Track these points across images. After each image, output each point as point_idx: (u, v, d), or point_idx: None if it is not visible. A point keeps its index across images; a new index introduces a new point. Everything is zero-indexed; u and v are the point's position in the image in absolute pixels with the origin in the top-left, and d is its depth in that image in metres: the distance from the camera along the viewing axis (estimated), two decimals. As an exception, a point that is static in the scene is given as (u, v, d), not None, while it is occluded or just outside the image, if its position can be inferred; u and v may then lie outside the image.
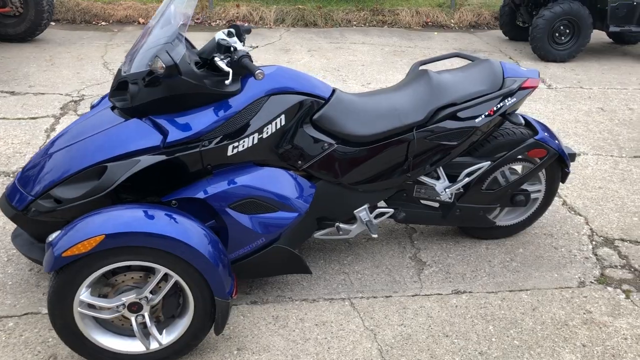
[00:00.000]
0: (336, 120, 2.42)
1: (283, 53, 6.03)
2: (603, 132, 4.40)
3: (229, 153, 2.24)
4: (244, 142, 2.25)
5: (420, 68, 2.82)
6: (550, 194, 2.91)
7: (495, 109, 2.53)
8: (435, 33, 7.25)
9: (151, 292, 1.99)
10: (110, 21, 7.00)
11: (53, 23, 6.81)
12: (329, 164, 2.44)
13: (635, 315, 2.49)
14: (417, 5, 7.79)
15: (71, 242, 1.84)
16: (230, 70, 2.15)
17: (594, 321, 2.45)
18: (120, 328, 2.05)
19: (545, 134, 2.73)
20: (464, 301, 2.54)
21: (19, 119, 4.11)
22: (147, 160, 2.15)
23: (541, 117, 4.61)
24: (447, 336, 2.34)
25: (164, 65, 2.08)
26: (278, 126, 2.30)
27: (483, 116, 2.52)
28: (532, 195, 2.87)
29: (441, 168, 2.64)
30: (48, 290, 2.00)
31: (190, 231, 1.95)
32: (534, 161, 2.76)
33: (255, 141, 2.27)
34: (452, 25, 7.64)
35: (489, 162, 2.67)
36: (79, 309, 1.93)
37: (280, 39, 6.58)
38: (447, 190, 2.64)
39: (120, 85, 2.30)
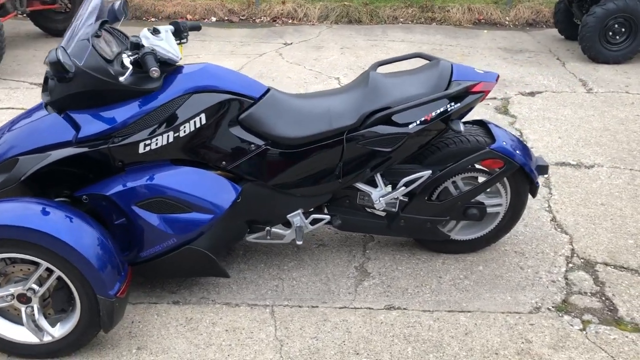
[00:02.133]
0: (265, 120, 2.34)
1: (314, 50, 5.96)
2: (631, 142, 3.97)
3: (141, 150, 2.22)
4: (157, 140, 2.23)
5: (377, 69, 2.67)
6: (517, 208, 2.66)
7: (434, 114, 2.34)
8: (485, 31, 6.88)
9: (40, 285, 2.01)
10: (160, 17, 7.25)
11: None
12: (256, 166, 2.37)
13: (581, 350, 2.22)
14: (470, 1, 7.43)
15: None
16: (130, 67, 2.13)
17: (530, 352, 2.21)
18: (16, 318, 2.10)
19: (505, 143, 2.49)
20: (392, 318, 2.38)
21: None
22: (57, 155, 2.18)
23: (563, 124, 4.24)
24: (357, 354, 2.20)
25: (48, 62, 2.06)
26: (197, 125, 2.26)
27: (417, 122, 2.34)
28: (490, 209, 2.63)
29: (379, 175, 2.49)
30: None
31: (71, 229, 1.96)
32: (493, 172, 2.53)
33: (171, 140, 2.24)
34: (507, 22, 7.21)
35: (429, 172, 2.48)
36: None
37: (318, 36, 6.51)
38: (381, 199, 2.48)
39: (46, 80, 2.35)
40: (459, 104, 2.36)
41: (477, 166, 2.53)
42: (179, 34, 2.59)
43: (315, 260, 2.74)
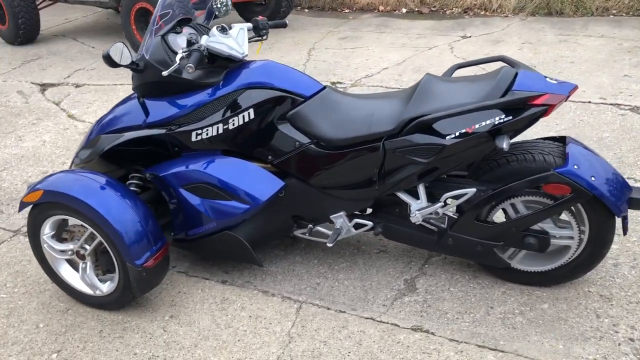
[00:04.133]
0: (311, 119, 2.36)
1: (490, 44, 5.59)
2: None
3: (193, 139, 2.43)
4: (207, 130, 2.41)
5: (446, 71, 2.48)
6: (599, 245, 2.25)
7: (477, 126, 2.09)
8: None
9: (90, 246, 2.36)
10: (354, 9, 7.48)
11: (307, 10, 7.63)
12: (299, 163, 2.41)
13: None
14: None
15: (29, 191, 2.33)
16: (177, 62, 2.31)
17: (546, 414, 1.89)
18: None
19: (578, 167, 2.11)
20: (411, 340, 2.23)
21: None
22: (128, 136, 2.51)
23: None
24: (355, 368, 2.13)
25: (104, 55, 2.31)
26: (245, 119, 2.38)
27: (457, 134, 2.12)
28: (557, 241, 2.27)
29: (422, 187, 2.32)
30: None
31: (107, 201, 2.24)
32: (559, 199, 2.18)
33: (220, 131, 2.40)
34: None
35: (473, 190, 2.23)
36: (44, 245, 2.43)
37: (504, 29, 6.07)
38: (417, 212, 2.31)
39: None
40: (511, 118, 2.07)
41: (531, 189, 2.19)
42: (258, 31, 2.72)
43: (368, 265, 2.67)
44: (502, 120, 2.07)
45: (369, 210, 2.56)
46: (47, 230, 2.40)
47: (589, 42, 5.46)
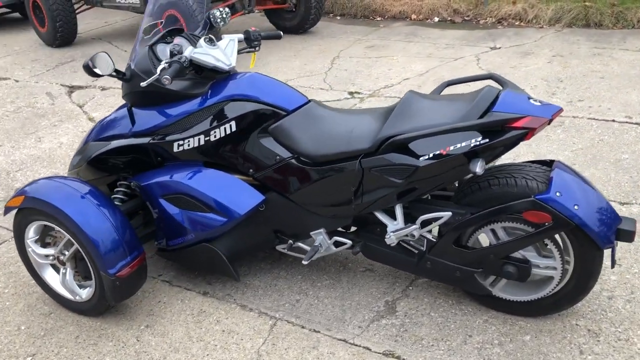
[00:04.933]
0: (292, 134, 2.33)
1: (518, 56, 5.42)
2: None
3: (175, 150, 2.43)
4: (189, 141, 2.41)
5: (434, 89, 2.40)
6: (584, 277, 2.13)
7: (452, 148, 2.01)
8: None
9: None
10: (386, 17, 7.40)
11: (339, 17, 7.60)
12: (280, 178, 2.37)
13: None
14: None
15: (13, 195, 2.39)
16: (158, 72, 2.30)
17: None
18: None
19: (560, 194, 2.00)
20: (380, 366, 2.16)
21: None
22: (115, 144, 2.53)
23: None
24: (317, 392, 2.07)
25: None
26: (228, 131, 2.36)
27: (430, 155, 2.04)
28: (539, 271, 2.15)
29: (399, 207, 2.24)
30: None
31: (84, 210, 2.26)
32: (539, 227, 2.07)
33: (202, 143, 2.40)
34: None
35: (449, 213, 2.14)
36: (28, 249, 2.48)
37: (536, 41, 5.88)
38: (392, 234, 2.23)
39: None
40: (487, 140, 1.98)
41: (510, 216, 2.09)
42: (250, 42, 2.71)
43: (352, 284, 2.61)
44: (478, 143, 1.98)
45: (354, 228, 2.51)
46: (31, 234, 2.45)
47: (624, 56, 5.23)
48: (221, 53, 2.47)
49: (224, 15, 2.74)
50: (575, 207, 1.99)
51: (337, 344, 2.28)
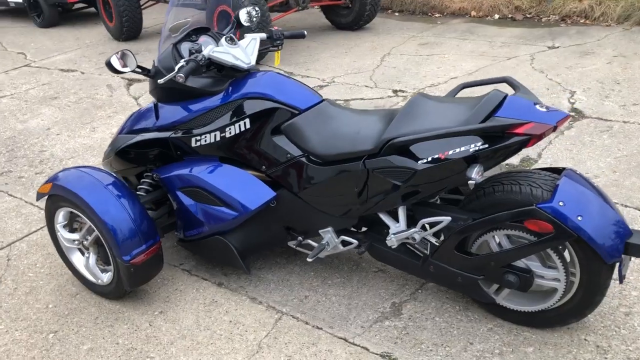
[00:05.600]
0: (303, 133, 2.37)
1: (576, 56, 5.18)
2: None
3: (193, 144, 2.53)
4: (206, 137, 2.50)
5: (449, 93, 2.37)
6: (591, 290, 2.05)
7: (451, 152, 1.98)
8: None
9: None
10: (445, 13, 7.26)
11: (397, 14, 7.54)
12: (290, 175, 2.42)
13: None
14: None
15: (44, 182, 2.56)
16: (176, 70, 2.39)
17: None
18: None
19: (564, 203, 1.93)
20: (375, 367, 2.17)
21: None
22: (139, 137, 2.66)
23: None
24: (309, 388, 2.11)
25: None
26: (242, 128, 2.44)
27: (429, 159, 2.01)
28: (542, 282, 2.09)
29: (402, 209, 2.23)
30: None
31: (103, 199, 2.40)
32: (541, 236, 2.01)
33: (217, 139, 2.48)
34: None
35: (449, 218, 2.11)
36: (58, 233, 2.65)
37: (599, 40, 5.60)
38: (393, 236, 2.22)
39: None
40: (487, 146, 1.94)
41: (510, 223, 2.04)
42: (272, 41, 2.77)
43: (362, 283, 2.62)
44: (477, 148, 1.94)
45: (365, 229, 2.52)
46: (60, 219, 2.62)
47: (692, 57, 4.90)
48: (241, 52, 2.53)
49: (253, 14, 2.80)
50: (579, 218, 1.91)
51: (336, 342, 2.30)
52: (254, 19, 2.83)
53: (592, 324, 2.25)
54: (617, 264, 1.97)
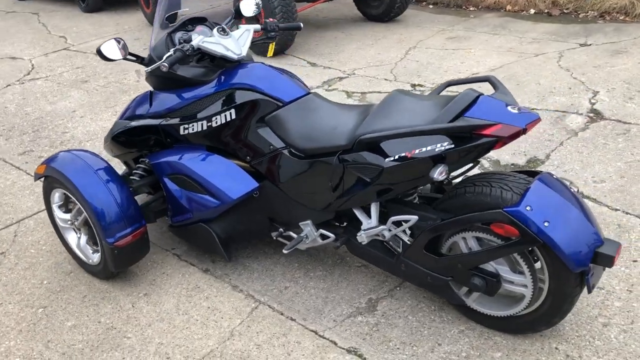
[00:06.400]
0: (285, 125, 2.39)
1: (607, 55, 4.99)
2: None
3: (181, 132, 2.59)
4: (193, 125, 2.55)
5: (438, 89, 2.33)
6: (559, 299, 2.00)
7: (417, 152, 1.96)
8: None
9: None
10: (480, 7, 7.10)
11: (431, 6, 7.42)
12: (273, 167, 2.45)
13: None
14: None
15: (41, 164, 2.67)
16: (164, 58, 2.43)
17: None
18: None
19: (531, 208, 1.88)
20: (333, 359, 2.19)
21: None
22: (134, 123, 2.74)
23: None
24: (271, 377, 2.15)
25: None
26: (228, 119, 2.48)
27: (396, 157, 2.00)
28: (509, 287, 2.05)
29: (374, 206, 2.23)
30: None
31: (91, 183, 2.48)
32: (507, 241, 1.97)
33: (204, 128, 2.53)
34: None
35: (415, 217, 2.09)
36: (54, 213, 2.76)
37: (636, 39, 5.37)
38: (363, 232, 2.22)
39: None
40: (453, 146, 1.90)
41: (478, 225, 2.00)
42: (267, 32, 2.79)
43: (343, 277, 2.63)
44: (443, 148, 1.91)
45: (346, 223, 2.52)
46: (56, 199, 2.73)
47: None
48: (233, 42, 2.56)
49: (256, 4, 2.83)
50: (546, 223, 1.87)
51: (306, 334, 2.32)
52: (255, 12, 2.86)
53: (567, 332, 2.20)
54: (586, 273, 1.91)
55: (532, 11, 6.65)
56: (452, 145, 1.90)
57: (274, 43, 2.89)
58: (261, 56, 5.77)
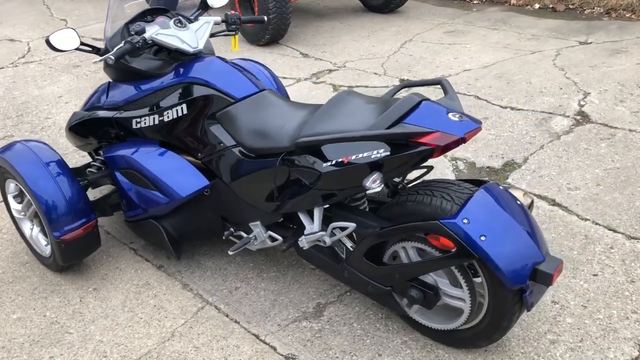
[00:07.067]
0: (235, 122, 2.33)
1: (605, 55, 4.82)
2: None
3: (133, 126, 2.54)
4: (145, 119, 2.50)
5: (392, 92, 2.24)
6: (498, 316, 1.92)
7: (354, 158, 1.88)
8: None
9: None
10: (484, 0, 6.92)
11: (435, -2, 7.25)
12: (222, 165, 2.39)
13: None
14: None
15: (-6, 153, 2.64)
16: (114, 50, 2.37)
17: None
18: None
19: (468, 221, 1.80)
20: (274, 368, 2.13)
21: (286, 77, 4.93)
22: (89, 114, 2.69)
23: None
24: (203, 382, 2.10)
25: None
26: (179, 114, 2.42)
27: (333, 162, 1.92)
28: (449, 301, 1.97)
29: (317, 210, 2.15)
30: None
31: (39, 175, 2.44)
32: (444, 253, 1.89)
33: (156, 122, 2.47)
34: None
35: (353, 225, 2.01)
36: (9, 202, 2.74)
37: (637, 38, 5.19)
38: (304, 237, 2.15)
39: None
40: (388, 154, 1.82)
41: (415, 235, 1.93)
42: (228, 25, 2.71)
43: (295, 280, 2.57)
44: (379, 155, 1.83)
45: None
46: (11, 189, 2.70)
47: None
48: (189, 35, 2.50)
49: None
50: (482, 238, 1.78)
51: (247, 338, 2.27)
52: (222, 2, 2.79)
53: (512, 348, 2.12)
54: (524, 291, 1.82)
55: (537, 6, 6.47)
56: (388, 153, 1.82)
57: (236, 36, 2.81)
58: (254, 45, 5.70)
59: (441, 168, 3.33)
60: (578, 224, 2.75)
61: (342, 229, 2.08)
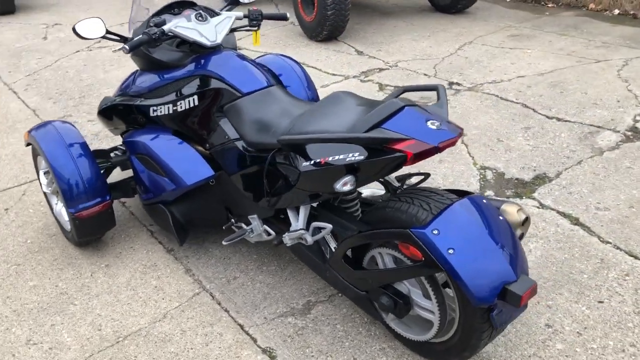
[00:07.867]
0: (239, 116, 2.39)
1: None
2: None
3: (151, 114, 2.65)
4: (161, 108, 2.61)
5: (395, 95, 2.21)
6: (467, 331, 1.86)
7: (330, 159, 1.87)
8: None
9: (58, 185, 2.80)
10: (560, 3, 6.59)
11: (507, 0, 7.01)
12: (225, 157, 2.46)
13: None
14: None
15: (27, 130, 2.84)
16: (135, 40, 2.48)
17: None
18: (62, 207, 2.95)
19: (438, 232, 1.74)
20: (245, 356, 2.17)
21: (335, 74, 4.95)
22: (118, 100, 2.84)
23: None
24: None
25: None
26: (190, 105, 2.51)
27: (312, 162, 1.92)
28: (419, 311, 1.93)
29: (303, 208, 2.17)
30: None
31: (61, 156, 2.60)
32: (413, 262, 1.86)
33: (170, 111, 2.58)
34: None
35: (330, 226, 2.00)
36: (40, 178, 2.95)
37: None
38: (287, 234, 2.16)
39: None
40: (363, 158, 1.80)
41: (387, 242, 1.89)
42: (249, 21, 2.77)
43: (292, 275, 2.60)
44: (354, 159, 1.82)
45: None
46: (42, 165, 2.90)
47: None
48: (209, 29, 2.57)
49: None
50: (450, 251, 1.73)
51: (232, 327, 2.32)
52: (249, -3, 2.84)
53: (492, 368, 2.04)
54: (491, 310, 1.75)
55: (616, 11, 6.09)
56: (363, 157, 1.80)
57: (258, 32, 2.85)
58: (313, 40, 5.73)
59: (467, 177, 3.23)
60: (597, 247, 2.59)
61: (322, 229, 2.08)
